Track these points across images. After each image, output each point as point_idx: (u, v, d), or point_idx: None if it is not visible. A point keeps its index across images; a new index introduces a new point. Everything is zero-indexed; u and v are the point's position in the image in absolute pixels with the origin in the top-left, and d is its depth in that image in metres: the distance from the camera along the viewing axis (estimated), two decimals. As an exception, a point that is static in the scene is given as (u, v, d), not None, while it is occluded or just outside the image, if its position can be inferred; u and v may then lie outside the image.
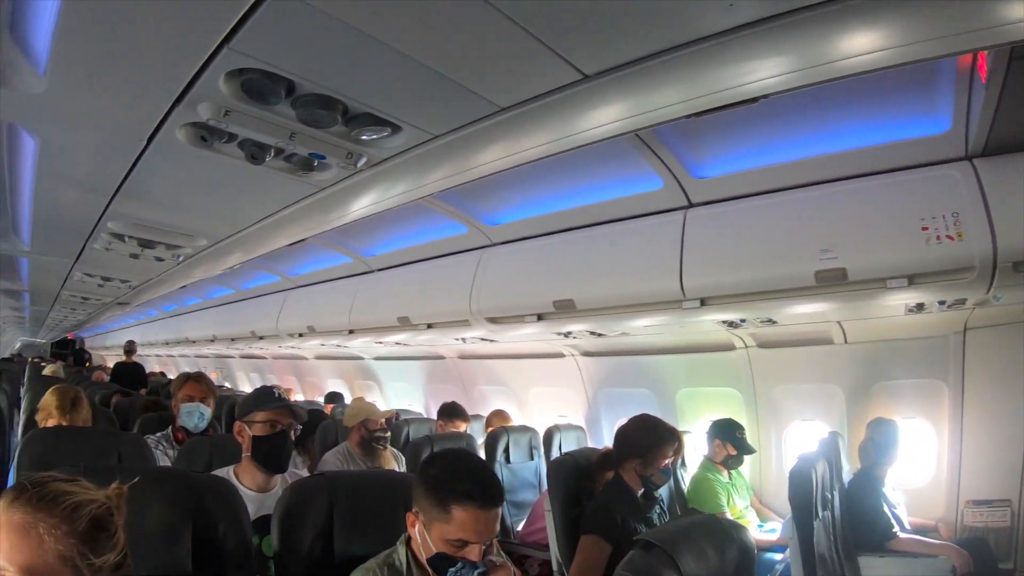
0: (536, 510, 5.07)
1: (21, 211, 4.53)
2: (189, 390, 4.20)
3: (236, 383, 14.76)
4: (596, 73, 2.05)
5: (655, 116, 2.23)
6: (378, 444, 4.67)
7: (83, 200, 3.94)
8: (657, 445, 3.47)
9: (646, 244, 3.88)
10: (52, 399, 3.92)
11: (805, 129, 3.14)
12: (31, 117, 2.73)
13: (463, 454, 2.35)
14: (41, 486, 1.43)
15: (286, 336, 8.33)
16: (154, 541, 2.17)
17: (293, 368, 11.90)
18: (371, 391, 9.66)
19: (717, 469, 4.79)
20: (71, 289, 8.53)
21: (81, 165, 3.29)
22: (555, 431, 5.61)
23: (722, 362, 5.22)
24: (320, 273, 7.21)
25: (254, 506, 2.86)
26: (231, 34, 1.88)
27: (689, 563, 1.95)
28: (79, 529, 1.41)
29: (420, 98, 2.26)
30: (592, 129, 2.36)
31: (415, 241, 5.55)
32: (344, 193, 3.33)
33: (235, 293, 9.50)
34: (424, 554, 2.14)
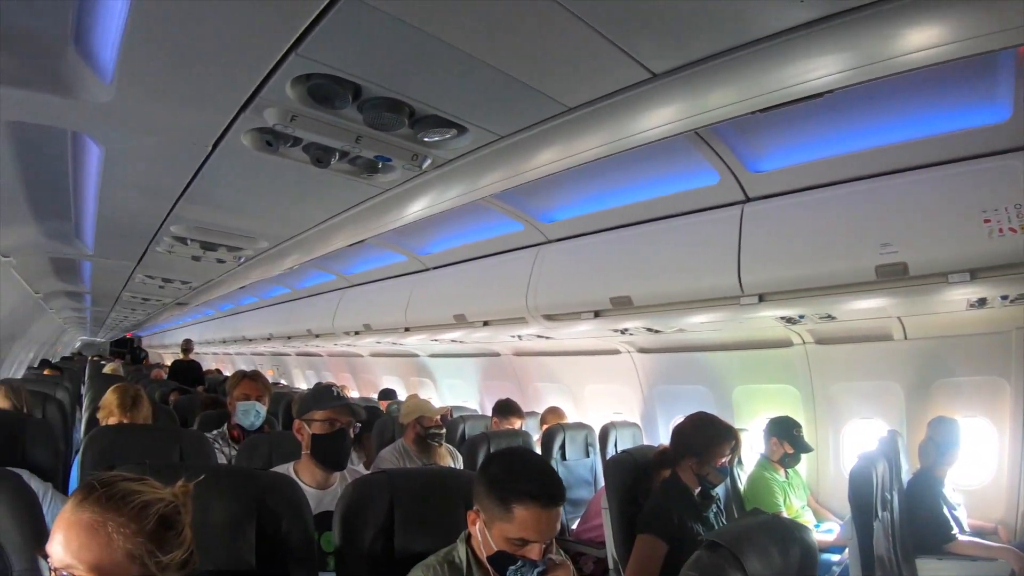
0: (592, 508, 5.06)
1: (85, 216, 4.63)
2: (245, 388, 4.27)
3: (292, 380, 14.90)
4: (664, 72, 2.04)
5: (717, 115, 2.22)
6: (433, 441, 4.69)
7: (147, 205, 4.02)
8: (714, 443, 3.43)
9: (703, 240, 3.85)
10: (113, 397, 3.97)
11: (863, 120, 3.07)
12: (97, 126, 2.77)
13: (526, 453, 2.39)
14: (110, 486, 1.45)
15: (342, 334, 8.40)
16: (218, 537, 2.20)
17: (348, 365, 11.97)
18: (426, 388, 9.68)
19: (774, 468, 4.73)
20: (132, 291, 8.69)
21: (145, 171, 3.35)
22: (611, 428, 5.56)
23: (779, 359, 5.14)
24: (376, 272, 7.25)
25: (313, 503, 2.88)
26: (299, 40, 1.90)
27: (754, 563, 1.94)
28: (147, 528, 1.44)
29: (487, 99, 2.27)
30: (652, 129, 2.35)
31: (471, 239, 5.56)
32: (406, 194, 3.36)
33: (291, 292, 9.59)
34: (484, 552, 2.15)
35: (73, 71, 2.28)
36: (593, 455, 5.74)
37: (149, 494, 1.48)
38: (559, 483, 2.15)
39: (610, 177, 3.97)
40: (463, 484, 2.60)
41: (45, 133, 3.12)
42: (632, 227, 4.30)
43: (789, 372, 5.14)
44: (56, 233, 5.18)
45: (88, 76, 2.30)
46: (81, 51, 2.20)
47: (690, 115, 2.24)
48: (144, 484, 1.51)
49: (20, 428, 3.63)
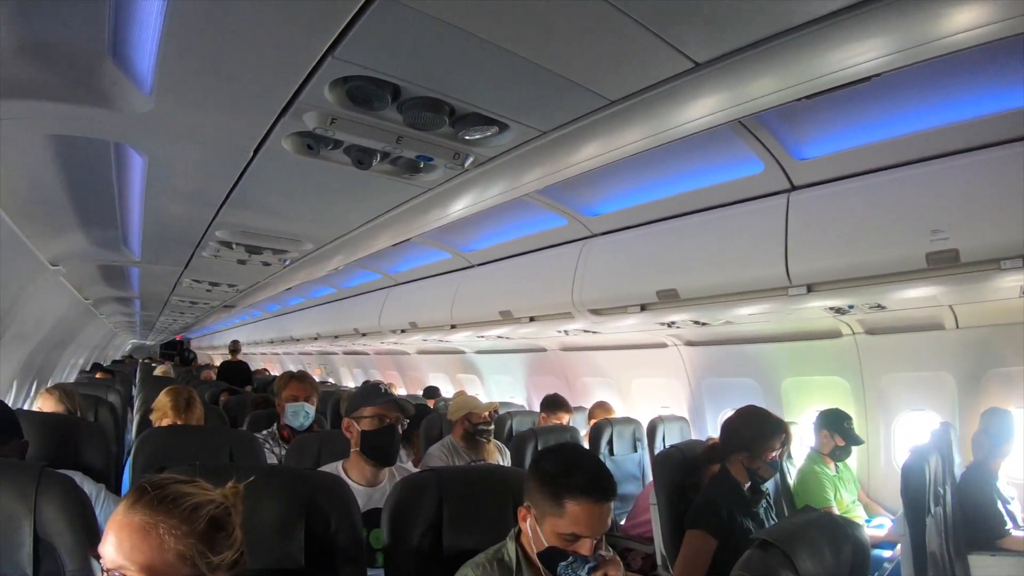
0: (640, 503, 5.04)
1: (131, 224, 4.70)
2: (293, 390, 4.31)
3: (340, 379, 15.03)
4: (706, 62, 2.01)
5: (761, 103, 2.17)
6: (482, 437, 4.70)
7: (191, 212, 4.07)
8: (764, 437, 3.40)
9: (749, 230, 3.78)
10: (167, 400, 4.03)
11: (910, 103, 2.98)
12: (138, 136, 2.81)
13: (577, 448, 2.38)
14: (161, 488, 1.47)
15: (388, 332, 8.45)
16: (268, 536, 2.22)
17: (395, 363, 12.04)
18: (473, 384, 9.71)
19: (824, 461, 4.66)
20: (180, 295, 8.81)
21: (188, 179, 3.38)
22: (658, 423, 5.55)
23: (829, 350, 5.06)
24: (421, 270, 7.27)
25: (362, 500, 2.91)
26: (335, 44, 1.90)
27: (805, 562, 1.91)
28: (198, 529, 1.46)
29: (528, 95, 2.24)
30: (695, 120, 2.31)
31: (515, 235, 5.54)
32: (448, 193, 3.35)
33: (337, 292, 9.65)
34: (535, 548, 2.15)
35: (112, 83, 2.31)
36: (641, 450, 5.73)
37: (200, 496, 1.49)
38: (611, 478, 2.14)
39: (654, 169, 3.93)
40: (512, 481, 2.62)
41: (88, 144, 3.17)
42: (677, 219, 4.24)
43: (838, 363, 5.06)
44: (103, 241, 5.27)
45: (127, 87, 2.32)
46: (119, 63, 2.23)
47: (733, 104, 2.20)
48: (195, 486, 1.52)
49: (73, 431, 3.70)
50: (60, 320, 7.86)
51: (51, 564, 2.06)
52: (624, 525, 5.18)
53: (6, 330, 5.22)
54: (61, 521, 2.07)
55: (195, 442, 3.58)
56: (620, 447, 5.60)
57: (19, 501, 2.05)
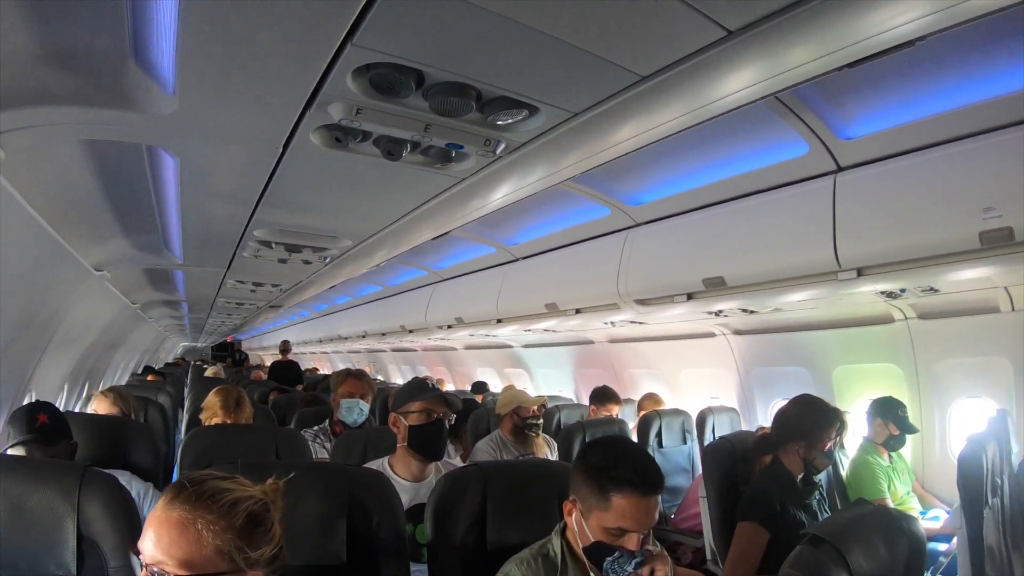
0: (690, 496, 4.99)
1: (171, 227, 4.75)
2: (350, 386, 4.35)
3: (388, 376, 15.18)
4: (739, 29, 1.92)
5: (799, 74, 2.07)
6: (530, 431, 4.70)
7: (228, 212, 4.08)
8: (821, 427, 3.34)
9: (795, 214, 3.69)
10: (216, 399, 4.11)
11: (957, 74, 2.84)
12: (167, 137, 2.81)
13: (623, 441, 2.37)
14: (199, 484, 1.48)
15: (435, 328, 8.54)
16: (310, 533, 2.24)
17: (443, 359, 12.12)
18: (521, 379, 9.74)
19: (878, 451, 4.55)
20: (225, 296, 8.90)
21: (222, 178, 3.39)
22: (708, 414, 5.50)
23: (881, 336, 4.92)
24: (465, 265, 7.30)
25: (409, 495, 2.95)
26: (352, 30, 1.86)
27: (859, 559, 1.85)
28: (236, 524, 1.46)
29: (556, 75, 2.18)
30: (732, 95, 2.22)
31: (558, 227, 5.53)
32: (484, 182, 3.31)
33: (383, 289, 9.74)
34: (580, 543, 2.13)
35: (136, 85, 2.31)
36: (690, 442, 5.67)
37: (238, 492, 1.51)
38: (657, 471, 2.10)
39: (696, 155, 3.86)
40: (557, 476, 2.60)
41: (122, 149, 3.21)
42: (721, 205, 4.17)
43: (891, 350, 4.92)
44: (145, 245, 5.35)
45: (151, 88, 2.32)
46: (141, 65, 2.22)
47: (771, 75, 2.10)
48: (234, 482, 1.54)
49: (121, 432, 3.80)
50: (109, 324, 8.01)
51: (94, 561, 2.11)
52: (674, 519, 5.13)
53: (53, 335, 5.31)
54: (104, 519, 2.12)
55: (242, 440, 3.65)
56: (669, 439, 5.54)
57: (63, 500, 2.11)
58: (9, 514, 2.09)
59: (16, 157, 2.64)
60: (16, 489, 2.11)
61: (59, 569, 2.09)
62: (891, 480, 4.47)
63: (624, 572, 2.02)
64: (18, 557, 2.09)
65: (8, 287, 3.77)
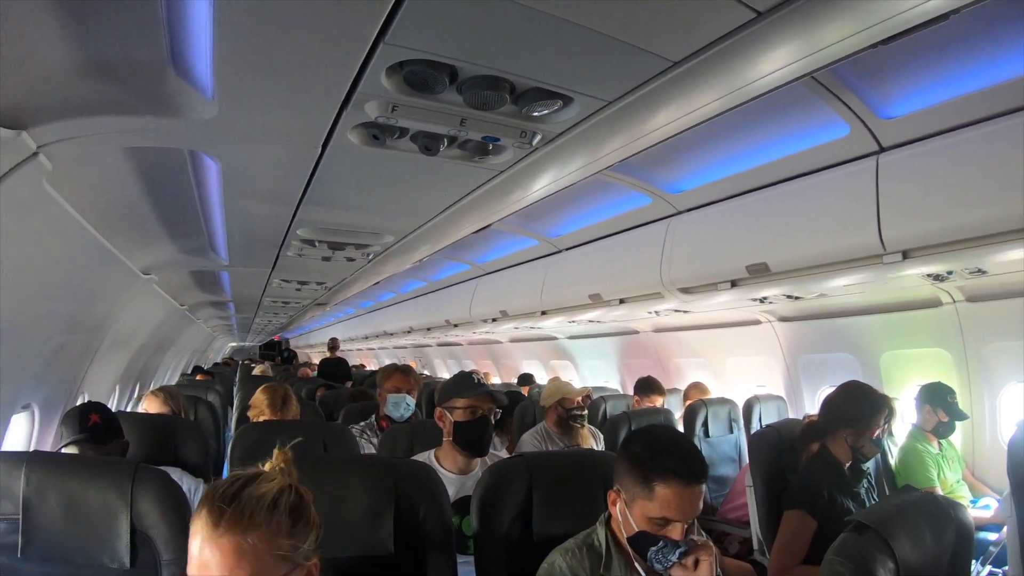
0: (736, 486, 4.98)
1: (215, 229, 4.82)
2: (397, 382, 4.39)
3: (434, 370, 15.29)
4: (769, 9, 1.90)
5: (834, 52, 2.03)
6: (575, 422, 4.71)
7: (270, 212, 4.13)
8: (870, 414, 3.31)
9: (838, 197, 3.64)
10: (263, 397, 4.19)
11: (1002, 47, 2.73)
12: (209, 142, 2.85)
13: (667, 430, 2.32)
14: (235, 499, 1.47)
15: (479, 322, 8.58)
16: (357, 525, 2.27)
17: (489, 352, 12.19)
18: (566, 370, 9.76)
19: (927, 438, 4.50)
20: (271, 295, 9.03)
21: (263, 180, 3.43)
22: (754, 402, 5.44)
23: (928, 320, 4.84)
24: (508, 258, 7.32)
25: (455, 487, 2.97)
26: (384, 29, 1.87)
27: (904, 547, 1.83)
28: (285, 527, 1.49)
29: (588, 65, 2.18)
30: (767, 76, 2.19)
31: (600, 217, 5.52)
32: (522, 174, 3.30)
33: (427, 285, 9.81)
34: (625, 533, 2.13)
35: (176, 92, 2.35)
36: (737, 431, 5.65)
37: (267, 487, 1.52)
38: (701, 460, 2.10)
39: (735, 140, 3.83)
40: (602, 466, 2.60)
41: (164, 155, 3.28)
42: (762, 190, 4.13)
43: (939, 334, 4.84)
44: (191, 248, 5.43)
45: (191, 94, 2.36)
46: (180, 72, 2.26)
47: (804, 55, 2.07)
48: (259, 480, 1.55)
49: (172, 430, 3.91)
50: (158, 326, 8.15)
51: (147, 554, 2.21)
52: (721, 509, 5.11)
53: (104, 338, 5.41)
54: (156, 513, 2.21)
55: (291, 435, 3.64)
56: (715, 428, 5.52)
57: (116, 496, 2.20)
58: (64, 510, 2.17)
59: (63, 167, 2.69)
60: (71, 486, 2.20)
61: (113, 562, 2.18)
62: (940, 468, 4.42)
63: (668, 562, 2.02)
64: (73, 551, 2.19)
65: (59, 293, 3.86)
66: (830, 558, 1.88)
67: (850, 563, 1.83)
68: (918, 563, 1.86)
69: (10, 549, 2.18)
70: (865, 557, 1.81)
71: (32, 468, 2.21)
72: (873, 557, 1.81)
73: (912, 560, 1.84)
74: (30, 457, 2.26)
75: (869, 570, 1.80)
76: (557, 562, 2.20)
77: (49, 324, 3.90)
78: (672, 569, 2.04)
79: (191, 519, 1.51)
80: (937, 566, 1.92)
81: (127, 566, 2.18)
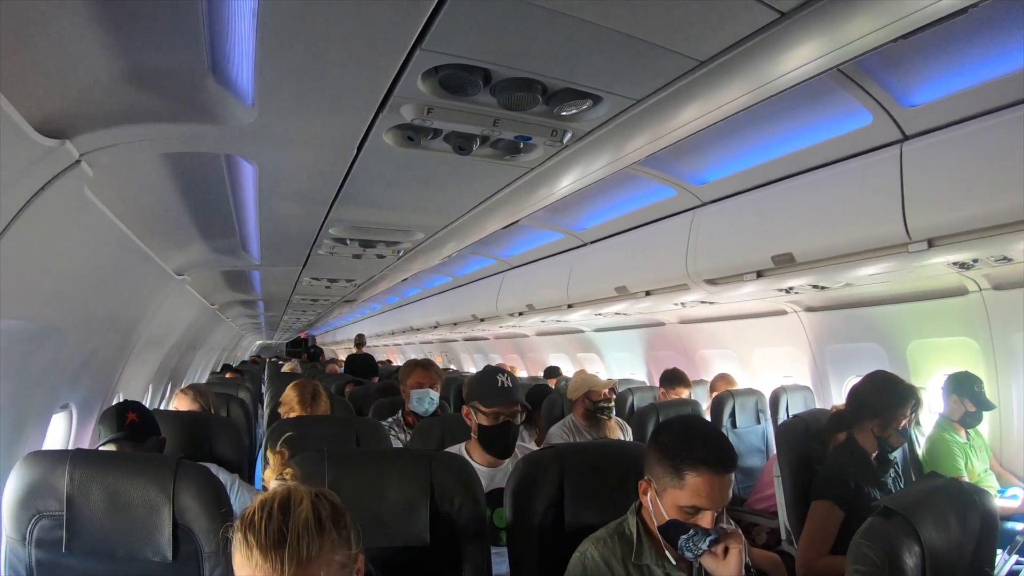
0: (764, 477, 4.98)
1: (248, 230, 4.89)
2: (418, 377, 4.45)
3: (461, 365, 15.31)
4: (792, 9, 1.93)
5: (856, 48, 2.04)
6: (602, 414, 4.74)
7: (304, 213, 4.20)
8: (896, 404, 3.32)
9: (862, 186, 3.63)
10: (293, 393, 4.27)
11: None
12: (247, 146, 2.91)
13: (697, 420, 2.37)
14: (283, 541, 1.44)
15: (506, 316, 8.60)
16: (394, 516, 2.35)
17: (515, 346, 12.19)
18: (593, 363, 9.76)
19: (954, 428, 4.50)
20: (301, 293, 9.08)
21: (298, 181, 3.49)
22: (781, 392, 5.45)
23: (955, 309, 4.82)
24: (534, 252, 7.34)
25: (485, 480, 3.01)
26: (421, 36, 1.92)
27: (930, 531, 1.87)
28: (335, 539, 1.51)
29: (617, 65, 2.21)
30: (791, 72, 2.21)
31: (625, 210, 5.53)
32: (552, 171, 3.33)
33: (453, 280, 9.81)
34: (656, 522, 2.18)
35: (216, 99, 2.41)
36: (764, 421, 5.65)
37: (301, 509, 1.50)
38: (731, 448, 2.14)
39: (759, 131, 3.84)
40: (633, 456, 2.64)
41: (201, 159, 3.34)
42: (786, 180, 4.13)
43: (966, 322, 4.82)
44: (224, 249, 5.52)
45: (231, 102, 2.42)
46: (220, 80, 2.32)
47: (828, 51, 2.09)
48: (289, 502, 1.51)
49: (206, 427, 4.00)
50: (189, 325, 8.24)
51: (189, 547, 2.29)
52: (749, 500, 5.12)
53: (139, 338, 5.49)
54: (198, 507, 2.28)
55: (323, 430, 3.82)
56: (743, 419, 5.53)
57: (159, 491, 2.28)
58: (108, 506, 2.26)
59: (102, 173, 2.76)
60: (114, 482, 2.28)
61: (155, 556, 2.27)
62: (968, 458, 4.42)
63: (699, 550, 2.07)
64: (116, 546, 2.29)
65: (97, 296, 3.95)
66: (857, 541, 1.92)
67: (877, 547, 1.86)
68: (943, 548, 1.89)
69: (55, 545, 2.27)
70: (892, 541, 1.85)
71: (75, 466, 2.29)
72: (900, 541, 1.84)
73: (938, 545, 1.87)
74: (73, 455, 2.34)
75: (896, 554, 1.84)
76: (589, 551, 2.25)
77: (87, 326, 3.99)
78: (702, 557, 2.09)
79: (233, 554, 1.50)
80: (962, 551, 1.96)
81: (169, 559, 2.26)
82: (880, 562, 1.86)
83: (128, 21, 2.00)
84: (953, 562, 1.92)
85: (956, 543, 1.92)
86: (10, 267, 2.59)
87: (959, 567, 1.93)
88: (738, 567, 2.05)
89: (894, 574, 1.84)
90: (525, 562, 2.60)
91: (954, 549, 1.92)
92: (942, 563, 1.89)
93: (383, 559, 1.81)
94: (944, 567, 1.89)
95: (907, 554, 1.84)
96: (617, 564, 2.21)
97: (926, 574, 1.86)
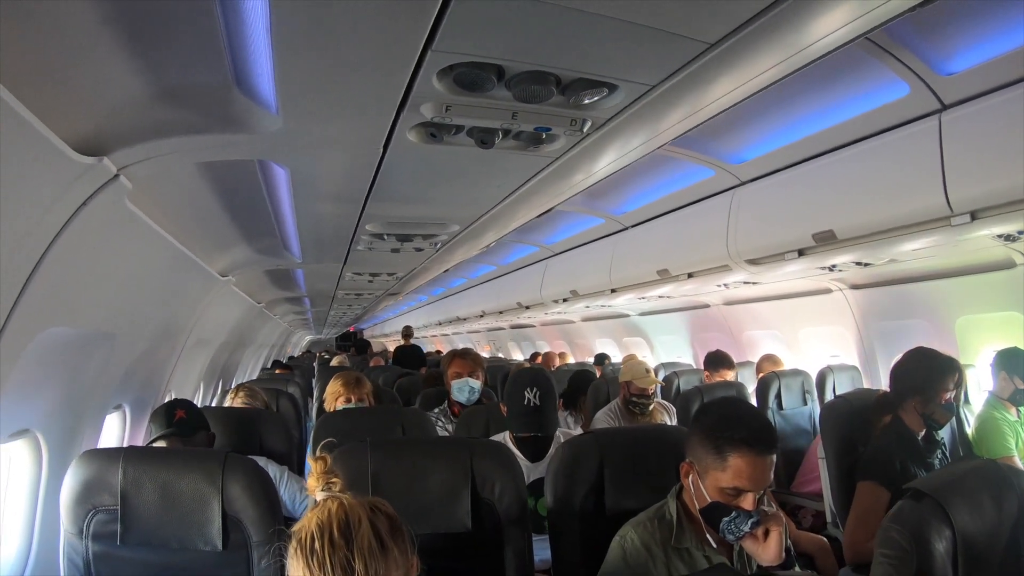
0: (810, 458, 4.91)
1: (287, 230, 4.96)
2: (457, 367, 4.48)
3: (508, 352, 15.39)
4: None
5: (886, 11, 2.01)
6: (635, 408, 4.74)
7: (339, 211, 4.26)
8: (936, 378, 3.26)
9: (901, 159, 3.57)
10: (337, 383, 4.40)
11: None
12: (276, 152, 2.98)
13: (738, 402, 2.40)
14: (349, 566, 1.42)
15: (550, 303, 8.65)
16: (437, 502, 2.39)
17: (562, 332, 12.23)
18: (640, 347, 9.76)
19: (1004, 406, 4.33)
20: (344, 288, 9.18)
21: (330, 182, 3.54)
22: (828, 373, 5.41)
23: (1002, 282, 4.68)
24: (576, 238, 7.38)
25: (527, 470, 3.06)
26: (430, 38, 1.94)
27: (963, 515, 1.82)
28: (397, 552, 1.51)
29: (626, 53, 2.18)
30: (819, 40, 2.16)
31: (664, 192, 5.53)
32: (579, 157, 3.31)
33: (497, 269, 9.88)
34: (697, 504, 2.20)
35: (243, 110, 2.47)
36: (811, 403, 5.56)
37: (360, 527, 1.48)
38: (772, 429, 2.15)
39: (794, 107, 3.81)
40: (673, 441, 2.64)
41: (235, 166, 3.41)
42: (824, 156, 4.08)
43: (1014, 296, 4.65)
44: (266, 249, 5.62)
45: (257, 111, 2.47)
46: (245, 92, 2.38)
47: (855, 17, 2.04)
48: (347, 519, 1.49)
49: (256, 422, 4.12)
50: (237, 324, 8.40)
51: (238, 537, 2.39)
52: (795, 482, 5.07)
53: (188, 339, 5.61)
54: (246, 498, 2.37)
55: (369, 421, 3.88)
56: (789, 400, 5.46)
57: (208, 483, 2.38)
58: (160, 499, 2.36)
59: (142, 184, 2.84)
60: (165, 476, 2.38)
61: (206, 545, 2.37)
62: (1019, 436, 4.28)
63: (740, 532, 2.07)
64: (168, 537, 2.39)
65: (147, 300, 4.08)
66: (886, 524, 1.89)
67: (906, 530, 1.84)
68: (977, 532, 1.84)
69: (110, 537, 2.38)
70: (921, 524, 1.82)
71: (128, 462, 2.40)
72: (929, 524, 1.80)
73: (970, 529, 1.82)
74: (125, 452, 2.45)
75: (924, 538, 1.81)
76: (629, 535, 2.27)
77: (137, 330, 4.10)
78: (743, 540, 2.10)
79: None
80: (997, 536, 1.89)
81: (219, 548, 2.36)
82: (908, 546, 1.83)
83: (152, 43, 2.07)
84: (988, 547, 1.86)
85: (991, 527, 1.86)
86: (59, 278, 2.69)
87: (994, 552, 1.86)
88: (778, 550, 2.06)
89: (922, 559, 1.81)
90: (566, 545, 2.63)
91: (989, 533, 1.86)
92: (976, 548, 1.84)
93: (426, 546, 1.82)
94: (978, 552, 1.84)
95: (937, 538, 1.80)
96: (657, 548, 2.22)
97: (957, 559, 1.81)
